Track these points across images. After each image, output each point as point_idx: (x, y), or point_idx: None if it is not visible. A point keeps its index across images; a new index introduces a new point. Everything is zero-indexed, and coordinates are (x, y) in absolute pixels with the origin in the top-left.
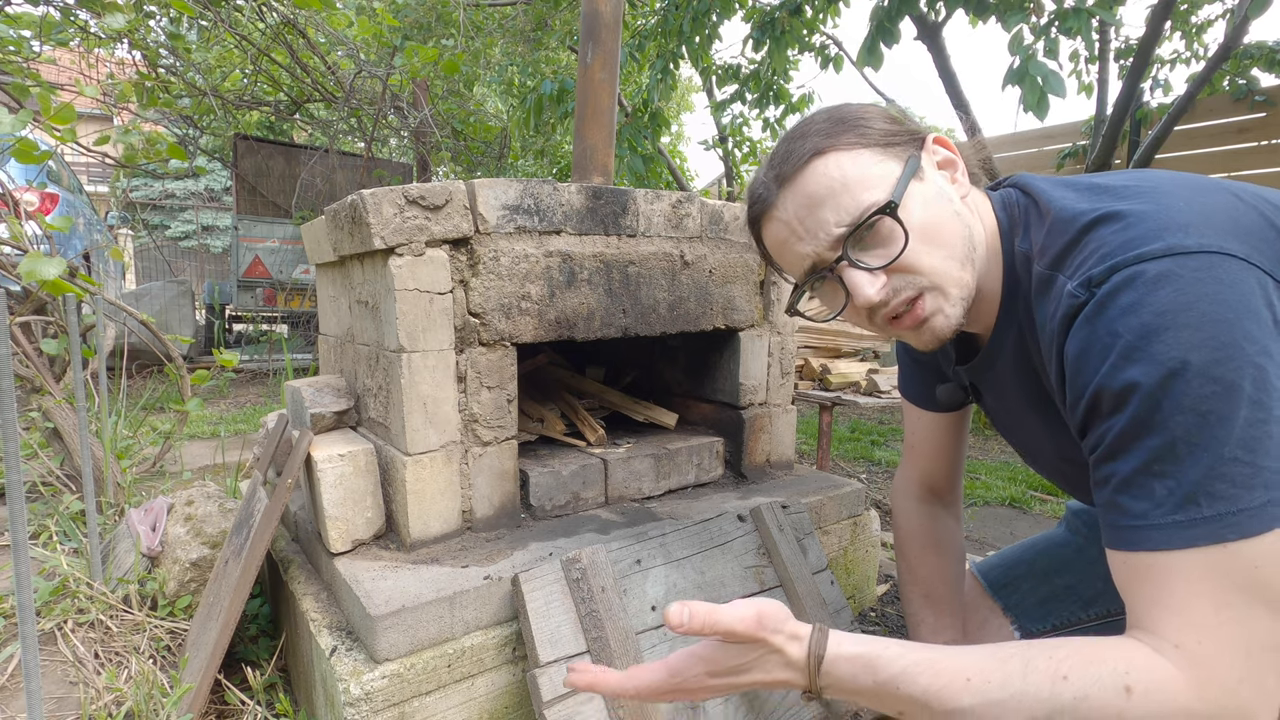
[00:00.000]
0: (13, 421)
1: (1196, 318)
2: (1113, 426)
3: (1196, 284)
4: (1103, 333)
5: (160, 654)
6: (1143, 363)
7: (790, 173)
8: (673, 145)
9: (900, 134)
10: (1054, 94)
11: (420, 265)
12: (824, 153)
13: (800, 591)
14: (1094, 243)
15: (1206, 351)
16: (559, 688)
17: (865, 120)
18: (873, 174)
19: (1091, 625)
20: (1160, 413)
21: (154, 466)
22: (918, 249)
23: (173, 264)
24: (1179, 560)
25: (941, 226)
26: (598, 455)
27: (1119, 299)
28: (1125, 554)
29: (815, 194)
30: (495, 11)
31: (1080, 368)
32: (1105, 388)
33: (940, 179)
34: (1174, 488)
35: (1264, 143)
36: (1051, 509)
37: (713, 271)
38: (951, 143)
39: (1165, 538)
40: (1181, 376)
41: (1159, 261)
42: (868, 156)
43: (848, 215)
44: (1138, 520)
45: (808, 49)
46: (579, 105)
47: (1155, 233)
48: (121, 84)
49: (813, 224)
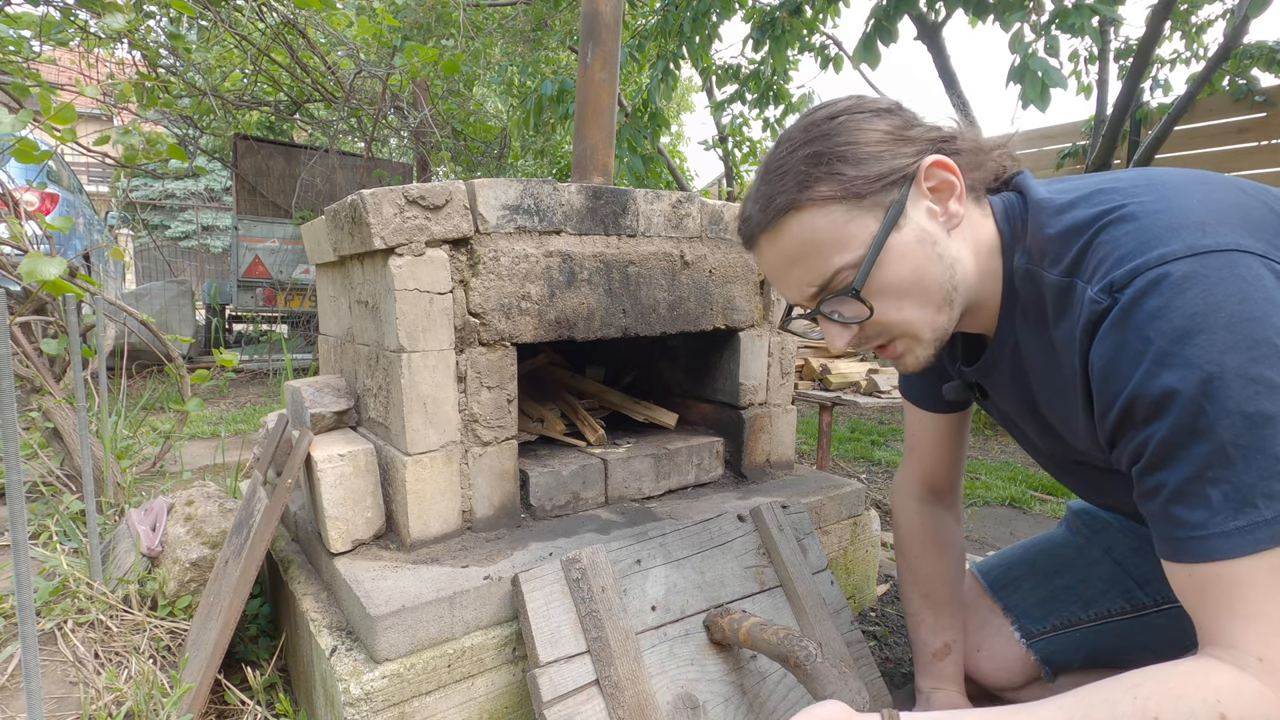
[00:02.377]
0: (13, 421)
1: (1227, 318)
2: (1153, 435)
3: (1222, 283)
4: (1133, 339)
5: (160, 654)
6: (1178, 368)
7: (767, 223)
8: (673, 145)
9: (886, 177)
10: (1055, 86)
11: (420, 265)
12: (798, 209)
13: (800, 591)
14: (1108, 244)
15: (1242, 352)
16: (559, 687)
17: (852, 151)
18: (845, 234)
19: (1091, 625)
20: (1205, 418)
21: (154, 466)
22: (888, 307)
23: (173, 264)
24: (1246, 567)
25: (919, 277)
26: (598, 455)
27: (1145, 303)
28: (1189, 566)
29: (789, 251)
30: (495, 11)
31: (1109, 376)
32: (1140, 395)
33: (925, 219)
34: (1230, 493)
35: (1264, 143)
36: (1051, 509)
37: (713, 271)
38: (953, 163)
39: (1230, 546)
40: (1221, 380)
41: (1182, 262)
42: (841, 214)
43: (818, 278)
44: (1198, 531)
45: (808, 49)
46: (579, 105)
47: (1172, 232)
48: (121, 84)
49: (786, 279)
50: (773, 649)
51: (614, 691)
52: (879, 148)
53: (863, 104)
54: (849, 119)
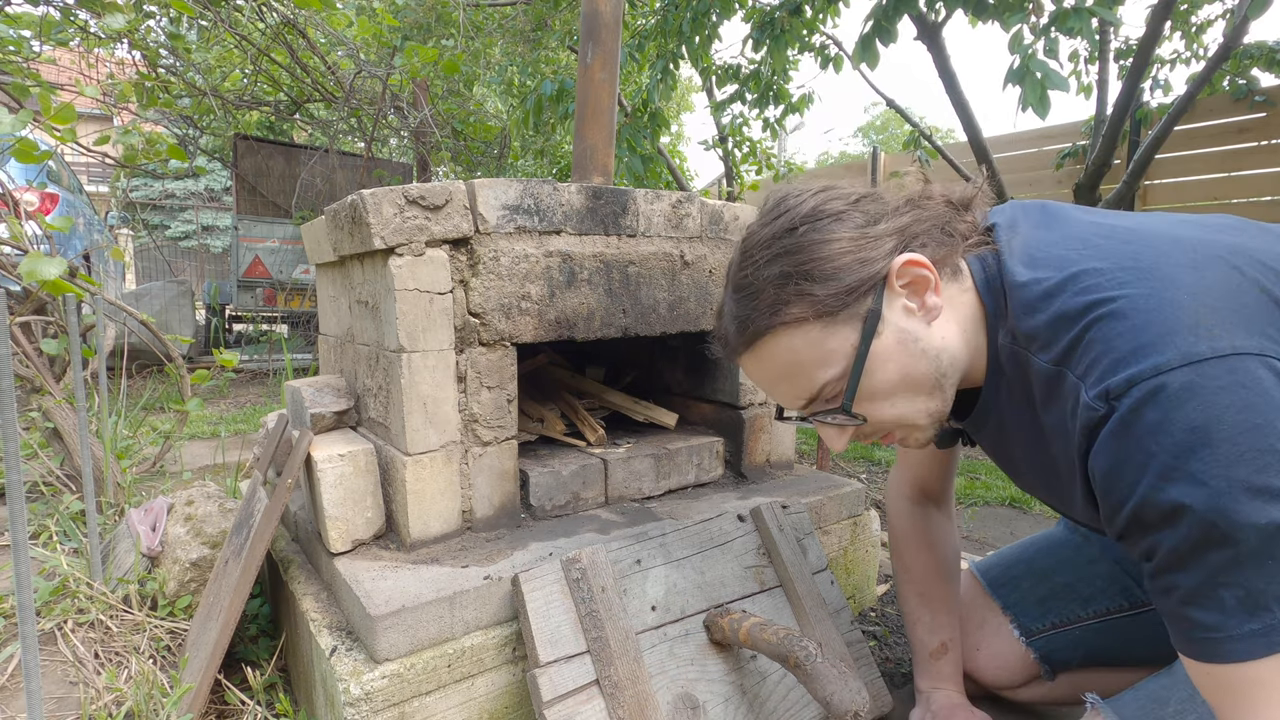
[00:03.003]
0: (13, 421)
1: (1230, 430)
2: (1164, 540)
3: (1221, 393)
4: (1134, 450)
5: (160, 654)
6: (1184, 483)
7: (745, 346)
8: (673, 145)
9: (857, 286)
10: (1055, 89)
11: (420, 265)
12: (774, 332)
13: (800, 591)
14: (1101, 343)
15: (1246, 464)
16: (559, 688)
17: (818, 268)
18: (825, 350)
19: (1090, 623)
20: (1217, 530)
21: (154, 466)
22: (880, 409)
23: (173, 264)
24: (1260, 670)
25: (905, 374)
26: (598, 455)
27: (1144, 416)
28: (1208, 666)
29: (772, 371)
30: (495, 11)
31: (1113, 484)
32: (1149, 504)
33: (903, 319)
34: (1243, 597)
35: (1264, 143)
36: (1051, 509)
37: (713, 271)
38: (923, 259)
39: (1245, 649)
40: (1230, 495)
41: (1178, 373)
42: (818, 332)
43: (805, 393)
44: (1213, 633)
45: (808, 49)
46: (579, 105)
47: (1166, 337)
48: (121, 84)
49: (775, 391)
50: (773, 649)
51: (614, 691)
52: (846, 259)
53: (825, 206)
54: (811, 230)
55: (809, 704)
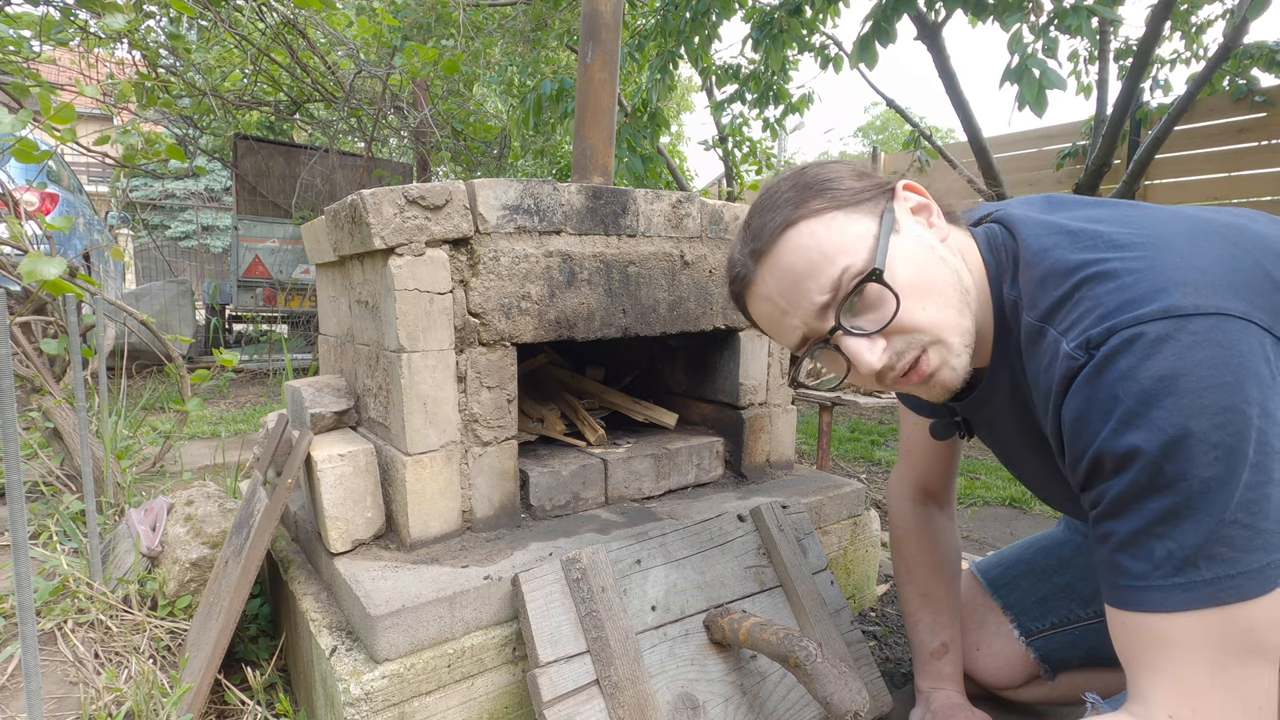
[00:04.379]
0: (13, 421)
1: (1196, 383)
2: (1112, 487)
3: (1195, 348)
4: (1102, 396)
5: (160, 654)
6: (1143, 429)
7: (764, 248)
8: (673, 145)
9: (869, 189)
10: (1052, 88)
11: (420, 265)
12: (795, 223)
13: (800, 591)
14: (1088, 300)
15: (1207, 418)
16: (559, 688)
17: (831, 181)
18: (849, 236)
19: (1090, 622)
20: (1162, 477)
21: (154, 466)
22: (911, 307)
23: (173, 264)
24: (1176, 624)
25: (931, 277)
26: (598, 455)
27: (1117, 363)
28: (1125, 614)
29: (793, 267)
30: (495, 11)
31: (1079, 430)
32: (1106, 451)
33: (918, 227)
34: (1174, 550)
35: (1264, 143)
36: (1051, 509)
37: (713, 271)
38: (921, 186)
39: (1164, 600)
40: (1183, 444)
41: (1157, 324)
42: (841, 219)
43: (830, 284)
44: (1137, 581)
45: (807, 49)
46: (579, 105)
47: (1153, 293)
48: (121, 84)
49: (796, 297)
50: (773, 649)
51: (614, 691)
52: (854, 179)
53: (822, 163)
54: (817, 168)
55: (809, 704)
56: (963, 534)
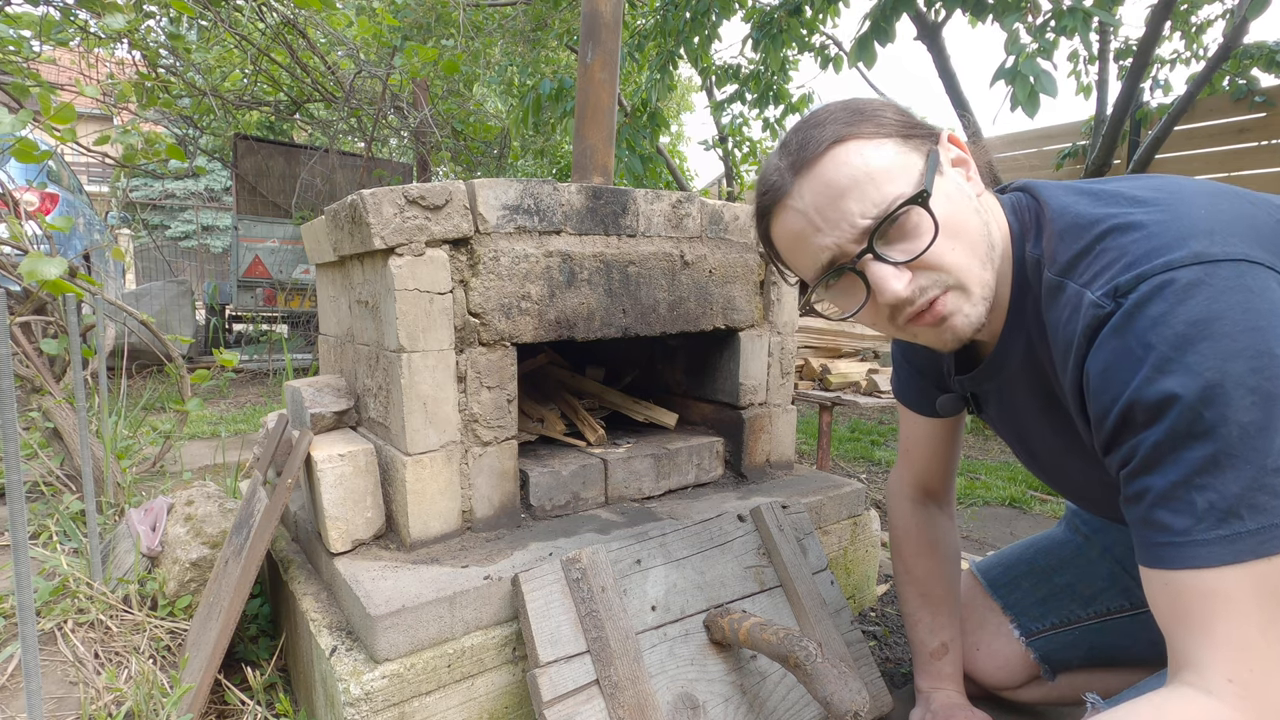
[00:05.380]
0: (13, 421)
1: (1230, 327)
2: (1146, 439)
3: (1227, 292)
4: (1133, 344)
5: (160, 654)
6: (1179, 374)
7: (809, 159)
8: (673, 145)
9: (918, 129)
10: (1045, 93)
11: (420, 265)
12: (845, 140)
13: (800, 591)
14: (1113, 251)
15: (1243, 361)
16: (559, 688)
17: (882, 113)
18: (897, 164)
19: (1091, 623)
20: (1200, 424)
21: (154, 466)
22: (943, 244)
23: (173, 264)
24: (1223, 578)
25: (965, 222)
26: (598, 455)
27: (1149, 309)
28: (1167, 574)
29: (837, 182)
30: (495, 11)
31: (1108, 381)
32: (1139, 400)
33: (957, 176)
34: (1216, 501)
35: (1264, 143)
36: (1051, 509)
37: (713, 271)
38: (963, 142)
39: (1210, 554)
40: (1221, 387)
41: (1188, 269)
42: (891, 147)
43: (874, 206)
44: (1180, 537)
45: (807, 49)
46: (579, 105)
47: (1179, 240)
48: (121, 84)
49: (835, 215)
50: (773, 649)
51: (614, 691)
52: (904, 117)
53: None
54: (867, 100)
55: (809, 704)
56: (963, 534)
